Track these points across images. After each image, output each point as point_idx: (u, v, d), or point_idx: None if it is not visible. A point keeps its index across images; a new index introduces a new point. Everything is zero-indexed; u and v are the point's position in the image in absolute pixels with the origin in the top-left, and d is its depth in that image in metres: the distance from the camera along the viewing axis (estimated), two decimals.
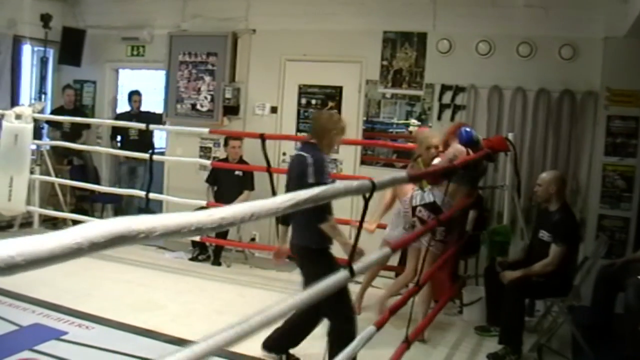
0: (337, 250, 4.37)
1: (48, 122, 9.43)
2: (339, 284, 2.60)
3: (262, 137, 6.77)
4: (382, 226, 6.30)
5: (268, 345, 4.89)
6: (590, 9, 7.14)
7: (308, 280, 4.30)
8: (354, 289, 6.65)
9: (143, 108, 9.78)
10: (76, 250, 1.15)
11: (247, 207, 1.80)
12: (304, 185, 4.20)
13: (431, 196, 5.57)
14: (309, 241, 4.47)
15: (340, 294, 4.28)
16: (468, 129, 6.10)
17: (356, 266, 2.73)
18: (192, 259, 8.18)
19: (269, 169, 6.81)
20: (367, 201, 2.67)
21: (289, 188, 4.56)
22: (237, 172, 8.10)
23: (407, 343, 4.24)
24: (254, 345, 4.84)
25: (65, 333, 5.17)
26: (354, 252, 3.29)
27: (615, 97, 7.06)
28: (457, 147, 5.82)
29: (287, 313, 2.26)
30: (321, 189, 2.26)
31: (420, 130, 6.74)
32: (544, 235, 5.52)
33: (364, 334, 3.27)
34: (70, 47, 9.84)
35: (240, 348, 4.73)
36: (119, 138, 9.77)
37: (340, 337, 4.27)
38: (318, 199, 2.22)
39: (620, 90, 7.04)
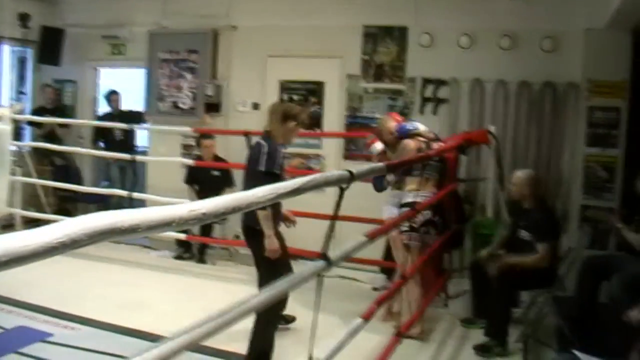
0: (312, 245, 4.35)
1: (29, 122, 9.35)
2: (312, 274, 2.58)
3: (247, 134, 6.76)
4: (366, 220, 6.31)
5: None
6: (571, 1, 7.19)
7: (255, 256, 4.96)
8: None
9: (124, 107, 9.72)
10: (58, 247, 1.13)
11: (229, 200, 1.78)
12: (256, 172, 4.80)
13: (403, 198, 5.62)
14: (252, 221, 4.73)
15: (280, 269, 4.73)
16: (406, 124, 6.05)
17: (333, 255, 2.70)
18: (177, 258, 8.16)
19: None
20: (342, 191, 2.68)
21: (246, 173, 5.11)
22: (215, 172, 8.05)
23: (399, 336, 4.25)
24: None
25: (51, 335, 5.14)
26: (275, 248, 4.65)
27: (596, 89, 7.10)
28: (406, 142, 5.81)
29: (262, 305, 2.24)
30: (302, 180, 2.26)
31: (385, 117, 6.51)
32: (525, 235, 5.58)
33: (352, 326, 3.26)
34: (50, 46, 9.76)
35: (231, 346, 4.77)
36: (102, 145, 9.59)
37: (256, 337, 4.68)
38: (299, 190, 2.22)
39: (601, 81, 7.08)
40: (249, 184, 4.84)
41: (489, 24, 7.53)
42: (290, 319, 5.51)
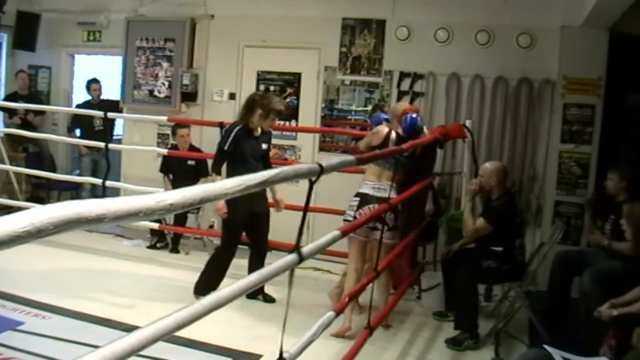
0: (287, 236, 4.33)
1: (2, 108, 9.25)
2: (285, 268, 2.58)
3: (221, 125, 6.71)
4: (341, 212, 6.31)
5: (196, 290, 5.87)
6: None
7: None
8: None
9: (104, 96, 9.58)
10: (23, 236, 1.11)
11: (197, 191, 1.76)
12: None
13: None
14: None
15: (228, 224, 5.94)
16: (414, 116, 5.75)
17: (305, 250, 2.70)
18: (150, 247, 8.10)
19: None
20: (312, 184, 2.67)
21: None
22: (190, 162, 8.00)
23: (370, 329, 4.26)
24: (235, 339, 4.85)
25: (22, 323, 5.06)
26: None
27: (571, 86, 7.18)
28: (377, 129, 5.72)
29: (237, 295, 2.23)
30: (270, 173, 2.25)
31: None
32: None
33: (323, 319, 3.25)
34: (25, 31, 9.62)
35: (225, 341, 4.76)
36: (78, 133, 9.47)
37: (213, 258, 6.09)
38: (267, 182, 2.21)
39: (576, 78, 7.16)
40: None
41: (466, 18, 7.55)
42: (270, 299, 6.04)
